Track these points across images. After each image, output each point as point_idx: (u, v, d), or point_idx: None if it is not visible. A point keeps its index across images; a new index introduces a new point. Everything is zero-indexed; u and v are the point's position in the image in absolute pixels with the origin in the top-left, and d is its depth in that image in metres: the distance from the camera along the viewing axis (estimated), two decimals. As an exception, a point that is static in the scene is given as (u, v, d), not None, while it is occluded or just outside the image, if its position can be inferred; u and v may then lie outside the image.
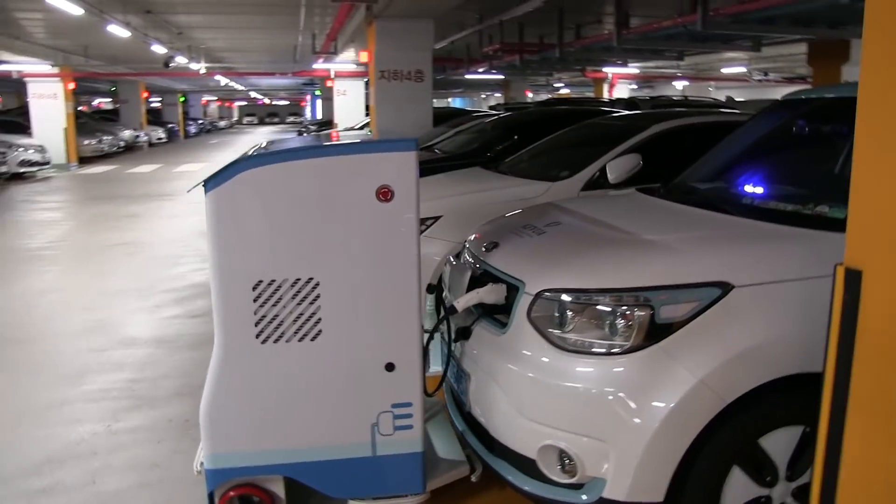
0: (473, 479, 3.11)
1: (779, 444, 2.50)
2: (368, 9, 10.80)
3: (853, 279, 1.92)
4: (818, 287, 2.24)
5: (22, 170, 18.16)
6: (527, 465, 2.66)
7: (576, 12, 13.40)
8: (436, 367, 3.64)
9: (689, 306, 2.49)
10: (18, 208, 13.86)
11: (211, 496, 2.93)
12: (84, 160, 23.29)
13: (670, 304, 2.50)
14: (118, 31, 13.54)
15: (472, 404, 2.95)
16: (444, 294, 3.68)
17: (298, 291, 2.77)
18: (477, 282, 3.18)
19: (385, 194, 2.72)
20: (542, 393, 2.60)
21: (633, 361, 2.48)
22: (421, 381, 2.89)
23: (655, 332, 2.48)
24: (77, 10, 11.20)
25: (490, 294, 2.98)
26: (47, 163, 19.41)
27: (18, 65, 21.11)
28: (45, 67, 21.33)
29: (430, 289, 3.33)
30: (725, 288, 2.49)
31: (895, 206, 1.83)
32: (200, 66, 22.22)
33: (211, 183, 2.70)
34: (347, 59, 19.72)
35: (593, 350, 2.56)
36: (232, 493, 2.93)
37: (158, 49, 16.92)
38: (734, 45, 13.15)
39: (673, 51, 14.65)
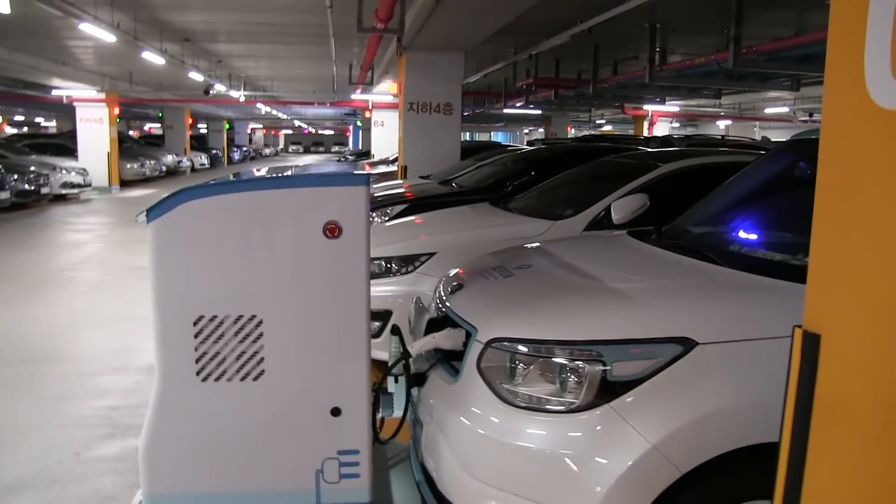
0: (428, 534, 2.91)
1: None
2: (399, 40, 10.77)
3: (811, 343, 1.71)
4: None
5: (64, 191, 18.60)
6: (472, 526, 2.46)
7: (612, 48, 13.30)
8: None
9: (646, 363, 2.26)
10: (54, 228, 14.18)
11: None
12: (125, 183, 23.86)
13: (625, 361, 2.28)
14: (153, 58, 13.72)
15: (424, 455, 2.76)
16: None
17: (241, 329, 2.63)
18: (438, 325, 3.00)
19: (333, 230, 2.57)
20: (487, 450, 2.39)
21: (581, 421, 2.26)
22: (368, 428, 2.71)
23: (608, 390, 2.26)
24: (110, 38, 11.34)
25: (447, 339, 2.80)
26: (88, 185, 19.83)
27: (68, 90, 21.70)
28: (92, 92, 21.91)
29: (394, 330, 3.16)
30: (688, 345, 2.26)
31: (856, 267, 1.62)
32: (240, 94, 22.51)
33: (154, 212, 2.59)
34: (384, 91, 19.80)
35: (542, 406, 2.34)
36: (172, 538, 2.78)
37: (196, 76, 17.13)
38: (772, 84, 12.92)
39: (710, 89, 14.42)
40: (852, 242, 1.61)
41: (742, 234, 3.19)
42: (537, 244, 3.67)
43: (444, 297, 3.07)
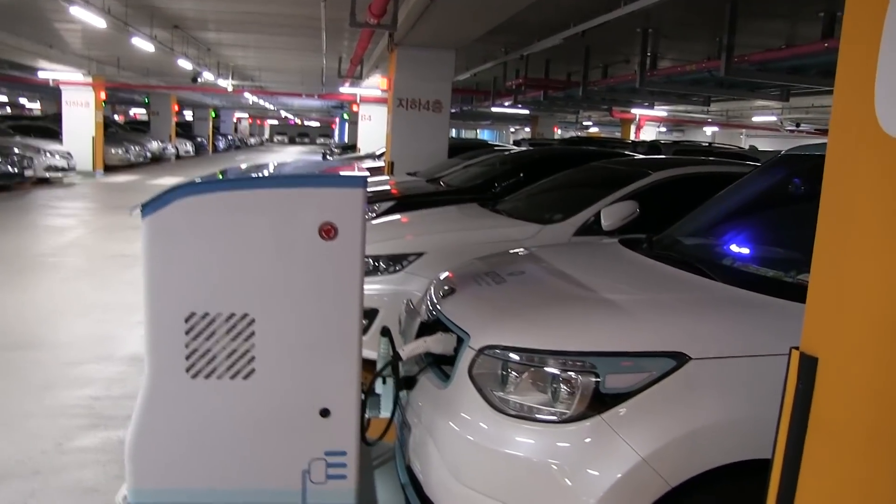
0: (412, 537, 2.91)
1: None
2: (391, 36, 10.74)
3: (808, 365, 1.72)
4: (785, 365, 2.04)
5: (48, 175, 18.34)
6: (458, 533, 2.46)
7: (603, 52, 13.31)
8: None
9: (638, 377, 2.27)
10: (36, 212, 13.99)
11: None
12: (110, 168, 23.62)
13: (618, 373, 2.29)
14: (142, 44, 13.62)
15: (412, 458, 2.76)
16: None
17: (233, 327, 2.62)
18: (429, 328, 3.00)
19: (328, 232, 2.56)
20: (477, 457, 2.40)
21: (572, 432, 2.27)
22: (356, 429, 2.71)
23: (599, 401, 2.27)
24: (100, 23, 11.25)
25: (437, 344, 2.79)
26: (73, 169, 19.62)
27: (54, 72, 21.48)
28: (79, 76, 21.73)
29: (384, 331, 3.14)
30: (681, 359, 2.27)
31: (857, 291, 1.63)
32: (228, 83, 22.38)
33: (149, 207, 2.57)
34: (373, 85, 19.76)
35: (533, 416, 2.35)
36: (156, 533, 2.77)
37: (185, 64, 17.02)
38: (762, 94, 12.95)
39: (699, 96, 14.46)
40: (854, 266, 1.62)
41: (735, 249, 3.21)
42: (529, 250, 3.67)
43: (436, 301, 3.07)
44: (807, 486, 1.73)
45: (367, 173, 2.86)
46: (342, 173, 2.79)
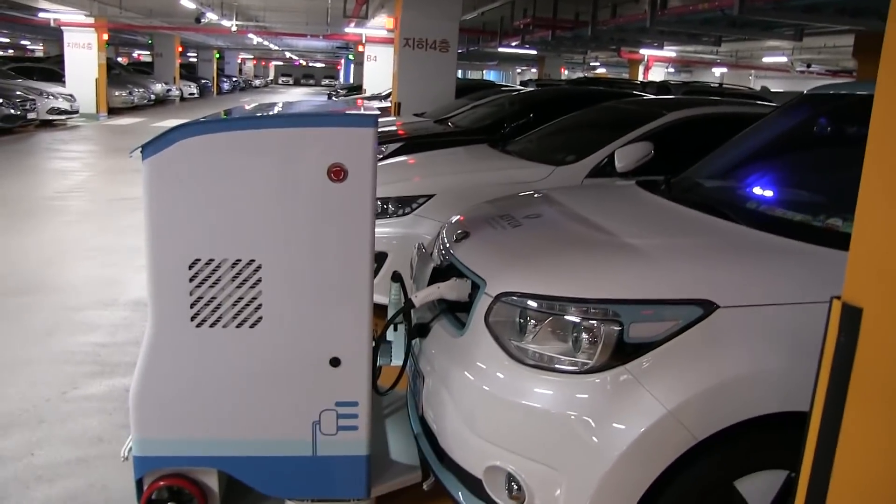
0: (425, 487, 2.84)
1: (758, 488, 2.16)
2: (397, -27, 10.48)
3: (852, 316, 1.60)
4: (818, 314, 1.91)
5: (51, 117, 18.20)
6: (474, 484, 2.38)
7: (613, -10, 12.98)
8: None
9: (663, 325, 2.16)
10: (40, 155, 13.88)
11: (140, 483, 2.71)
12: (114, 111, 23.44)
13: (642, 322, 2.18)
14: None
15: (425, 408, 2.68)
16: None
17: (238, 273, 2.50)
18: (441, 273, 2.89)
19: (338, 173, 2.43)
20: (493, 408, 2.31)
21: (594, 382, 2.17)
22: (368, 379, 2.62)
23: (623, 351, 2.17)
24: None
25: (452, 290, 2.68)
26: (76, 112, 19.43)
27: (55, 13, 21.14)
28: (80, 17, 21.42)
29: (396, 277, 3.04)
30: (708, 308, 2.16)
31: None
32: (232, 24, 22.00)
33: (150, 149, 2.44)
34: (378, 25, 19.37)
35: (552, 366, 2.25)
36: (162, 483, 2.70)
37: (188, 3, 16.66)
38: (775, 34, 12.67)
39: (710, 36, 14.15)
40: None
41: (759, 191, 3.07)
42: (544, 192, 3.53)
43: (449, 246, 2.95)
44: (848, 446, 1.62)
45: (378, 112, 2.72)
46: (352, 112, 2.64)
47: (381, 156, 6.84)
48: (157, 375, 2.60)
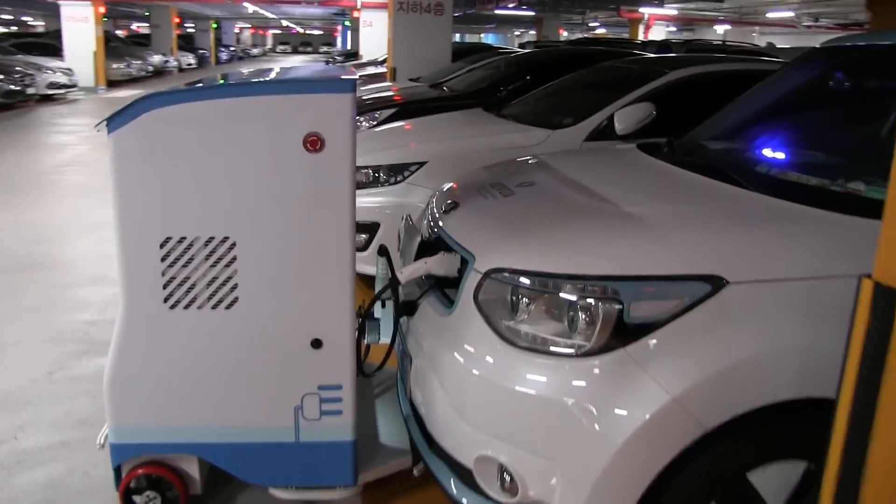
0: (415, 473, 2.71)
1: (773, 481, 1.99)
2: (391, -67, 10.22)
3: (885, 299, 1.41)
4: (840, 289, 1.74)
5: (50, 91, 18.27)
6: (464, 474, 2.23)
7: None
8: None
9: (667, 304, 1.98)
10: (39, 130, 13.84)
11: (118, 471, 2.61)
12: (112, 84, 23.43)
13: (645, 300, 2.01)
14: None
15: (413, 390, 2.53)
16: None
17: (212, 252, 2.36)
18: (430, 247, 2.73)
19: (314, 143, 2.26)
20: (483, 394, 2.14)
21: (592, 367, 1.99)
22: (352, 361, 2.47)
23: (623, 332, 1.99)
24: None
25: (439, 265, 2.51)
26: (74, 85, 19.52)
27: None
28: (77, -10, 21.21)
29: (382, 251, 2.87)
30: (717, 283, 1.97)
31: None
32: (228, -9, 21.71)
33: (115, 121, 2.29)
34: (374, -11, 19.07)
35: (547, 348, 2.08)
36: (140, 472, 2.59)
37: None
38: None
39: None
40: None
41: (769, 154, 2.86)
42: (539, 158, 3.35)
43: (438, 217, 2.78)
44: (885, 433, 1.45)
45: (357, 75, 2.54)
46: (328, 77, 2.47)
47: (374, 122, 6.66)
48: (130, 360, 2.48)
